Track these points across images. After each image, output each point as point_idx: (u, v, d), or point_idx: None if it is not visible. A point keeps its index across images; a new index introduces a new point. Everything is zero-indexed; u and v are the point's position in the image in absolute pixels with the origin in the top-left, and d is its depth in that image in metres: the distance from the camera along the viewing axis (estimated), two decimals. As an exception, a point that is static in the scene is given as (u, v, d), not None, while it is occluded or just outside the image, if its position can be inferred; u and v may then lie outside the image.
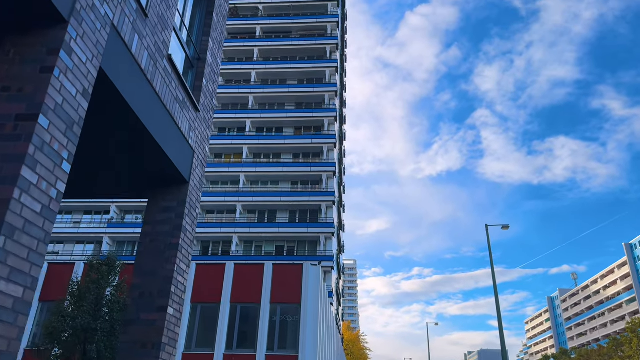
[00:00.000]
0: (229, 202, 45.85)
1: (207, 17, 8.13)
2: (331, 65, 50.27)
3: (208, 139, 8.05)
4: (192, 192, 7.28)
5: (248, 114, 48.90)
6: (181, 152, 6.80)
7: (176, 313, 6.65)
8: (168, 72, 6.22)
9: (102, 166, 6.68)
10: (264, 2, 54.93)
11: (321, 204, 45.24)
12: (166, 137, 6.21)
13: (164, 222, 6.87)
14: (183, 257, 6.91)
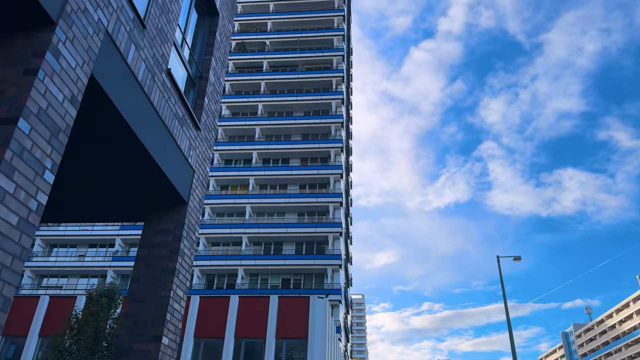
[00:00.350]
0: (235, 233, 45.34)
1: (210, 36, 7.98)
2: (337, 97, 50.66)
3: (209, 159, 7.75)
4: (192, 213, 6.92)
5: (254, 146, 49.03)
6: (180, 171, 6.48)
7: (171, 343, 6.17)
8: (167, 87, 5.98)
9: (95, 185, 6.36)
10: (270, 38, 56.01)
11: (328, 235, 44.59)
12: (164, 154, 5.90)
13: (160, 245, 6.49)
14: (180, 283, 6.48)
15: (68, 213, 7.16)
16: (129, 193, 6.48)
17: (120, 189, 6.41)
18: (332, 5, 57.72)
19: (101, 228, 47.91)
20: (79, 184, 6.30)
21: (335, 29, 55.84)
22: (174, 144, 6.22)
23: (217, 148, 49.67)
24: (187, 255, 6.72)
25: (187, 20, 7.20)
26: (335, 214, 45.97)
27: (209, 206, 47.02)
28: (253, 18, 57.81)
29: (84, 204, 6.90)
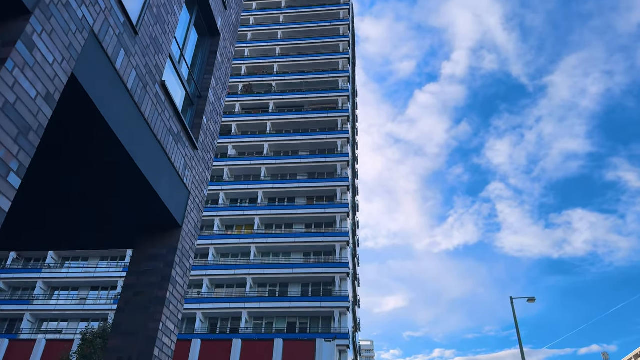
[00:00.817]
0: (239, 275, 44.28)
1: (211, 56, 7.72)
2: (343, 136, 50.76)
3: (207, 181, 7.29)
4: (186, 238, 6.39)
5: (260, 185, 48.75)
6: (174, 192, 6.01)
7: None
8: (160, 100, 5.60)
9: (80, 205, 5.86)
10: (277, 80, 56.92)
11: (335, 275, 43.41)
12: (156, 171, 5.45)
13: (150, 272, 5.93)
14: (171, 315, 5.86)
15: (51, 239, 6.66)
16: (117, 215, 5.98)
17: (108, 211, 5.92)
18: (337, 48, 58.91)
19: (103, 270, 47.08)
20: (62, 203, 5.82)
21: (341, 70, 56.73)
22: (167, 161, 5.78)
23: (223, 187, 49.43)
24: (179, 284, 6.14)
25: (186, 37, 6.93)
26: (342, 254, 44.95)
27: (214, 246, 46.24)
28: (260, 61, 59.00)
29: (68, 227, 6.40)
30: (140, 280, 5.86)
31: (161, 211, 5.86)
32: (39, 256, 49.19)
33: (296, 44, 59.80)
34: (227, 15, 8.35)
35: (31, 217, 6.16)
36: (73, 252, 48.77)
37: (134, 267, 5.98)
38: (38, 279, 46.78)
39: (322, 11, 62.21)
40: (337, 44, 59.04)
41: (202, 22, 7.68)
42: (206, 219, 48.11)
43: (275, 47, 59.91)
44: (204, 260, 46.33)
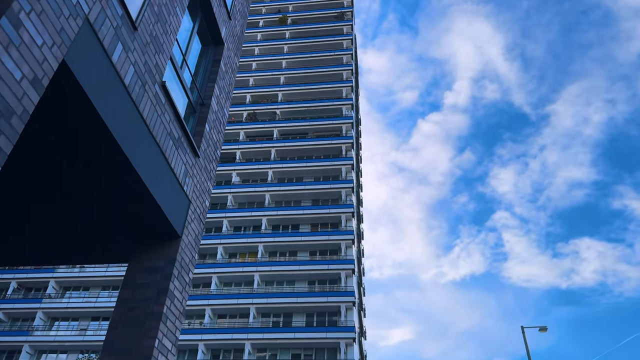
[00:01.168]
0: (242, 304, 43.31)
1: (214, 64, 7.52)
2: (347, 162, 50.62)
3: (209, 192, 6.95)
4: (185, 250, 6.01)
5: (264, 212, 48.31)
6: (173, 199, 5.67)
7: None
8: (160, 101, 5.33)
9: (68, 210, 5.50)
10: (281, 108, 57.31)
11: (340, 305, 42.38)
12: (154, 175, 5.13)
13: (146, 285, 5.53)
14: (168, 331, 5.42)
15: (36, 251, 6.27)
16: (111, 222, 5.62)
17: (101, 217, 5.56)
18: (341, 77, 59.50)
19: (104, 300, 46.23)
20: (48, 208, 5.47)
21: (344, 98, 57.11)
22: (166, 166, 5.47)
23: (227, 215, 49.01)
24: (177, 298, 5.72)
25: (189, 44, 6.74)
26: (347, 282, 44.04)
27: (216, 275, 45.47)
28: (264, 90, 59.57)
29: (55, 236, 6.03)
30: (136, 294, 5.46)
31: (159, 219, 5.51)
32: (39, 286, 48.47)
33: (300, 73, 60.47)
34: (232, 26, 8.20)
35: (12, 225, 5.81)
36: (74, 281, 48.06)
37: (129, 280, 5.58)
38: (38, 309, 45.96)
39: (325, 42, 63.18)
40: (341, 73, 59.67)
41: (205, 31, 7.51)
42: (209, 246, 47.53)
43: (279, 76, 60.58)
44: (207, 289, 45.49)
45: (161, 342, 5.24)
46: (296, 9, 68.71)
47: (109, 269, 47.26)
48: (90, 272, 47.60)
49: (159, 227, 5.63)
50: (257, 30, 66.24)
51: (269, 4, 69.59)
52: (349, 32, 64.30)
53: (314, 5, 68.06)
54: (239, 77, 61.11)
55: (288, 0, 69.54)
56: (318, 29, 64.72)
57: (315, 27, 64.89)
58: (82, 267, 48.41)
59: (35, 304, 46.25)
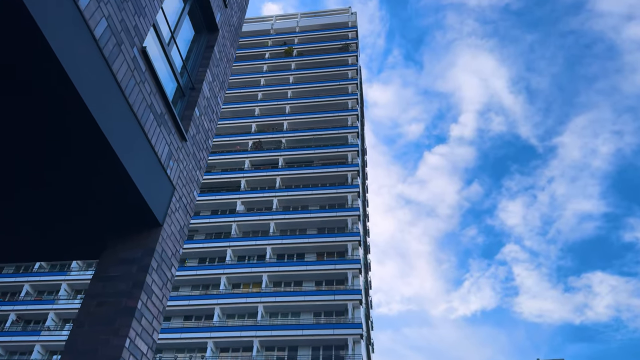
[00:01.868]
0: (246, 337, 41.79)
1: (207, 50, 7.02)
2: (353, 190, 49.93)
3: (197, 183, 6.30)
4: (167, 241, 5.31)
5: (269, 241, 47.35)
6: (154, 181, 5.02)
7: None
8: (139, 68, 4.77)
9: (31, 192, 4.83)
10: (286, 136, 57.24)
11: (347, 338, 40.77)
12: (129, 148, 4.51)
13: (119, 278, 4.81)
14: (142, 331, 4.67)
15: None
16: (80, 206, 4.96)
17: (68, 200, 4.90)
18: (346, 106, 59.62)
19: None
20: (3, 191, 4.82)
21: (350, 126, 57.02)
22: (146, 142, 4.85)
23: (230, 244, 48.10)
24: (156, 295, 4.98)
25: (178, 22, 6.24)
26: (354, 314, 42.52)
27: (219, 306, 44.15)
28: (270, 119, 59.73)
29: (16, 225, 5.35)
30: (107, 288, 4.74)
31: (136, 202, 4.84)
32: (39, 318, 47.32)
33: (306, 103, 60.72)
34: (228, 14, 7.76)
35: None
36: (74, 314, 46.89)
37: (101, 273, 4.87)
38: (36, 342, 44.67)
39: (330, 72, 63.75)
40: (346, 102, 59.84)
41: (199, 17, 7.05)
42: (212, 277, 46.45)
43: (285, 106, 60.84)
44: (209, 321, 44.10)
45: (133, 342, 4.48)
46: (302, 41, 69.79)
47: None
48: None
49: (136, 212, 4.96)
50: (263, 62, 67.12)
51: (275, 37, 70.80)
52: (354, 62, 64.94)
53: (319, 38, 69.12)
54: (244, 107, 61.51)
55: (294, 33, 70.76)
56: (323, 60, 65.45)
57: (321, 58, 65.65)
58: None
59: (34, 336, 45.04)
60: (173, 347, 43.19)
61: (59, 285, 48.17)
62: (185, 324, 44.49)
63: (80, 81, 3.74)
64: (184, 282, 47.33)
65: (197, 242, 49.07)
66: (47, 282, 48.47)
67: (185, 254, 49.14)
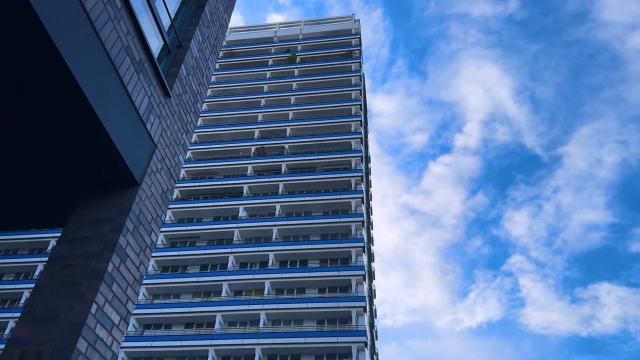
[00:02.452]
0: (247, 345, 40.96)
1: (197, 10, 6.52)
2: (357, 196, 49.30)
3: (184, 146, 5.76)
4: (147, 203, 4.76)
5: (271, 247, 46.70)
6: (131, 135, 4.49)
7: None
8: (115, 5, 4.26)
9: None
10: (289, 142, 56.85)
11: (351, 345, 39.87)
12: (100, 90, 3.98)
13: (89, 239, 4.26)
14: (114, 298, 4.10)
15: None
16: (46, 162, 4.41)
17: (31, 153, 4.35)
18: (350, 112, 59.27)
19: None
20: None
21: (353, 132, 56.58)
22: (120, 86, 4.32)
23: (233, 250, 47.47)
24: (132, 260, 4.42)
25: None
26: (358, 321, 41.67)
27: (220, 314, 43.40)
28: (273, 125, 59.40)
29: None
30: (75, 250, 4.18)
31: (109, 154, 4.30)
32: (38, 325, 46.70)
33: (309, 109, 60.43)
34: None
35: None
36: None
37: (69, 235, 4.31)
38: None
39: (334, 78, 63.54)
40: (349, 108, 59.50)
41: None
42: (214, 284, 45.77)
43: (288, 112, 60.56)
44: (210, 329, 43.32)
45: (101, 309, 3.91)
46: (305, 48, 69.75)
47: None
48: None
49: (109, 166, 4.41)
50: (267, 69, 67.03)
51: (278, 44, 70.81)
52: (357, 69, 64.73)
53: (323, 45, 69.06)
54: (247, 114, 61.27)
55: (297, 40, 70.76)
56: (327, 67, 65.32)
57: (324, 65, 65.52)
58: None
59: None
60: (174, 355, 42.39)
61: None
62: (186, 332, 43.73)
63: (42, 9, 3.23)
64: (185, 289, 46.67)
65: (198, 249, 48.49)
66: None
67: (187, 261, 48.56)
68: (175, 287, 46.52)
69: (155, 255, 48.36)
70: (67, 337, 3.63)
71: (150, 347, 42.20)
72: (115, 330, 4.11)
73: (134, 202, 4.52)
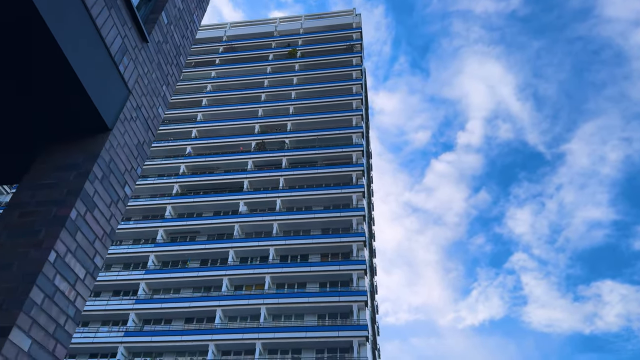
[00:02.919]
0: (248, 340, 40.57)
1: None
2: (358, 190, 48.83)
3: (164, 99, 5.35)
4: (119, 151, 4.35)
5: (272, 242, 46.27)
6: (100, 76, 4.08)
7: (36, 350, 3.23)
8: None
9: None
10: (290, 137, 56.40)
11: (353, 340, 39.45)
12: (68, 27, 3.57)
13: (53, 185, 3.85)
14: (78, 249, 3.70)
15: None
16: (6, 102, 3.99)
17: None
18: (351, 106, 58.77)
19: (104, 335, 43.85)
20: None
21: (354, 126, 56.11)
22: (89, 21, 3.90)
23: (233, 245, 47.10)
24: (100, 210, 4.01)
25: None
26: (360, 315, 41.26)
27: (221, 308, 43.02)
28: (273, 120, 58.98)
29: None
30: (36, 197, 3.78)
31: (75, 93, 3.89)
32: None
33: (310, 103, 59.99)
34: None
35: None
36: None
37: (31, 182, 3.91)
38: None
39: (335, 73, 63.05)
40: (350, 102, 59.02)
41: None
42: (214, 278, 45.43)
43: (288, 107, 60.11)
44: (210, 324, 42.97)
45: (62, 259, 3.50)
46: (306, 42, 69.28)
47: (109, 303, 45.25)
48: (90, 307, 45.53)
49: (76, 107, 4.00)
50: (267, 64, 66.59)
51: (278, 39, 70.36)
52: (358, 63, 64.24)
53: (324, 39, 68.57)
54: (247, 108, 60.86)
55: (298, 35, 70.28)
56: (327, 61, 64.83)
57: (325, 59, 65.04)
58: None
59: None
60: (174, 350, 42.09)
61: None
62: (186, 327, 43.40)
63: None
64: (185, 284, 46.34)
65: (199, 244, 48.14)
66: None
67: (187, 255, 48.24)
68: (176, 282, 46.18)
69: (155, 250, 48.07)
70: (19, 286, 3.24)
71: (150, 342, 41.88)
72: (79, 284, 3.71)
73: (104, 148, 4.11)
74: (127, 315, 44.40)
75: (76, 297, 3.67)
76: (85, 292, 3.80)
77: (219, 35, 72.65)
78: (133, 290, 46.50)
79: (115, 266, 48.91)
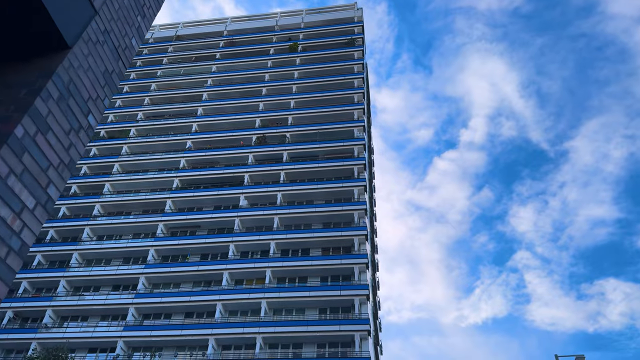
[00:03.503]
0: (248, 334, 40.10)
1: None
2: (359, 184, 48.30)
3: (138, 30, 4.82)
4: (81, 74, 3.82)
5: (273, 236, 45.80)
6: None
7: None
8: None
9: None
10: (291, 131, 55.93)
11: (354, 334, 38.94)
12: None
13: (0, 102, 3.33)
14: (24, 173, 3.18)
15: None
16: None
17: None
18: (352, 100, 58.26)
19: (103, 330, 43.46)
20: None
21: (356, 120, 55.59)
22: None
23: (233, 239, 46.65)
24: (55, 134, 3.49)
25: None
26: (361, 309, 40.75)
27: (221, 302, 42.58)
28: (274, 114, 58.53)
29: None
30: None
31: (32, 10, 3.36)
32: (36, 316, 46.04)
33: (311, 97, 59.54)
34: None
35: None
36: (72, 311, 45.50)
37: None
38: (33, 339, 43.32)
39: (336, 67, 62.58)
40: (352, 96, 58.52)
41: None
42: (214, 272, 45.02)
43: (289, 101, 59.66)
44: (211, 318, 42.55)
45: (4, 181, 2.98)
46: (307, 36, 68.83)
47: (109, 297, 44.87)
48: (88, 301, 45.15)
49: (30, 20, 3.48)
50: (268, 58, 66.15)
51: (279, 33, 69.89)
52: (360, 57, 63.72)
53: (325, 33, 68.09)
54: (248, 102, 60.42)
55: (299, 29, 69.80)
56: (329, 55, 64.37)
57: (326, 53, 64.59)
58: (81, 296, 46.11)
59: (31, 334, 43.73)
60: (174, 344, 41.68)
61: (57, 282, 47.00)
62: (186, 321, 43.01)
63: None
64: (185, 278, 45.95)
65: (199, 238, 47.74)
66: (45, 279, 47.28)
67: (188, 250, 47.83)
68: (176, 276, 45.78)
69: (155, 244, 47.69)
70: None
71: (150, 336, 41.49)
72: (27, 214, 3.18)
73: (62, 65, 3.58)
74: (126, 310, 44.03)
75: (22, 229, 3.14)
76: (36, 225, 3.28)
77: (219, 30, 72.25)
78: (133, 284, 46.14)
79: (114, 260, 48.56)
